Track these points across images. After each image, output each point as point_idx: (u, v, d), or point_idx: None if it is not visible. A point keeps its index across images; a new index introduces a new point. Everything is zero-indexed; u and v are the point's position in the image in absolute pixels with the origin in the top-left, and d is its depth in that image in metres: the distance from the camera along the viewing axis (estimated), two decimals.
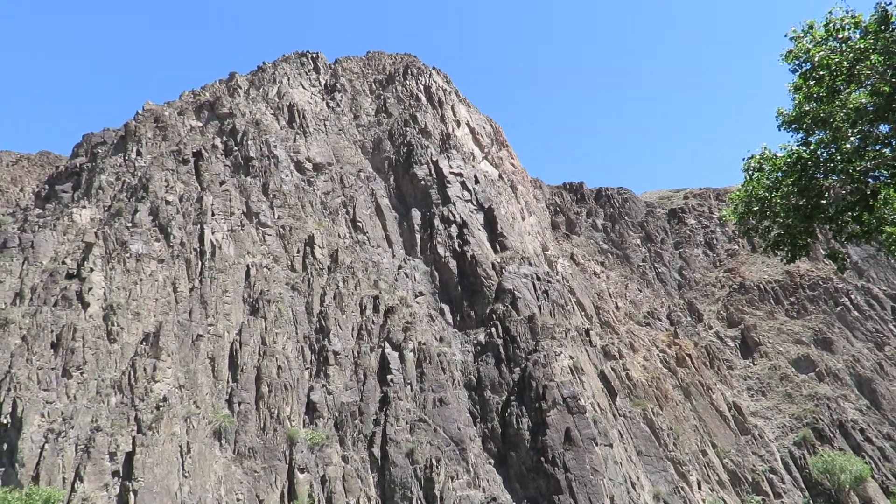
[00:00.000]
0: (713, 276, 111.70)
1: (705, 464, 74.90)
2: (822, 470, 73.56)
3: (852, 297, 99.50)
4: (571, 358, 53.65)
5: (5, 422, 38.99)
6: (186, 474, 40.71)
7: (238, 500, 43.15)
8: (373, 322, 56.77)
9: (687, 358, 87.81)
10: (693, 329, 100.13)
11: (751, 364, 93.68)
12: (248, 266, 57.85)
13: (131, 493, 37.17)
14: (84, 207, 61.66)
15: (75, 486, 37.28)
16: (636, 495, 47.20)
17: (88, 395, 41.92)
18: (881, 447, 78.58)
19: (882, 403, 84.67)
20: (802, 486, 76.50)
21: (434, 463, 44.61)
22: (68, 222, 58.49)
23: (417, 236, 72.71)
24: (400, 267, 67.94)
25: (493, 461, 48.93)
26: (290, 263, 62.27)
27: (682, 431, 75.59)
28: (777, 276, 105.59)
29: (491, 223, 73.84)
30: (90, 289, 48.82)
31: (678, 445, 72.06)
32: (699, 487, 70.56)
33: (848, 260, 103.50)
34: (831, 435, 78.95)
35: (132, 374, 43.60)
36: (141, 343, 46.69)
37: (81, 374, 42.62)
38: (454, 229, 70.18)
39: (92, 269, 50.12)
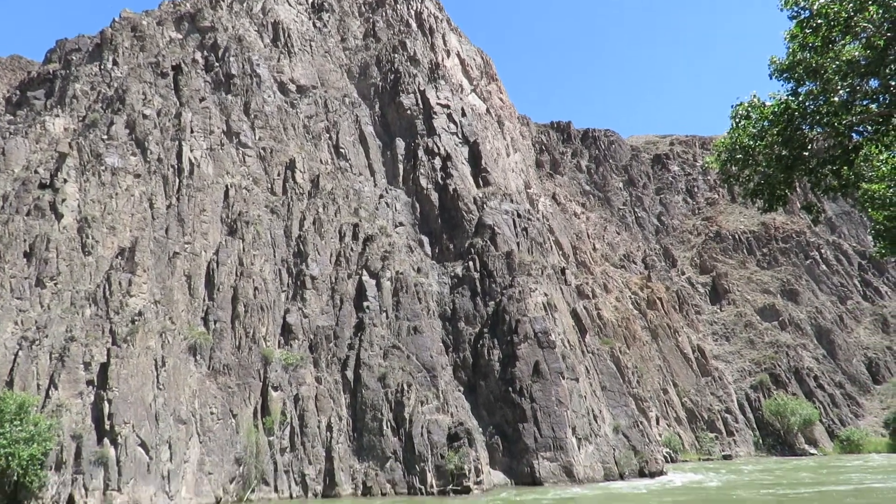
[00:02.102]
0: (691, 223, 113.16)
1: (665, 401, 78.22)
2: (774, 412, 77.41)
3: (822, 251, 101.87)
4: (546, 295, 54.66)
5: None
6: (161, 387, 41.44)
7: (212, 413, 44.20)
8: (351, 249, 56.90)
9: (658, 301, 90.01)
10: (666, 274, 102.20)
11: (718, 310, 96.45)
12: (226, 186, 57.04)
13: (106, 402, 37.83)
14: (57, 116, 59.67)
15: (49, 392, 37.79)
16: (597, 427, 49.34)
17: (62, 305, 41.88)
18: (832, 394, 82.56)
19: (838, 353, 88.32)
20: (754, 426, 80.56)
21: (405, 388, 45.91)
22: (41, 131, 56.70)
23: (400, 166, 72.02)
24: (381, 196, 67.59)
25: (462, 389, 50.51)
26: (269, 186, 61.53)
27: (647, 370, 78.42)
28: (752, 227, 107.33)
29: (475, 157, 73.27)
30: (64, 200, 47.91)
31: (641, 383, 74.91)
32: (657, 422, 73.93)
33: (822, 214, 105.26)
34: (787, 380, 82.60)
35: (107, 287, 43.51)
36: (116, 257, 46.37)
37: (55, 284, 42.43)
38: (438, 161, 69.57)
39: (66, 181, 49.04)
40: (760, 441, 78.83)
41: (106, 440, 37.01)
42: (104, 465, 36.17)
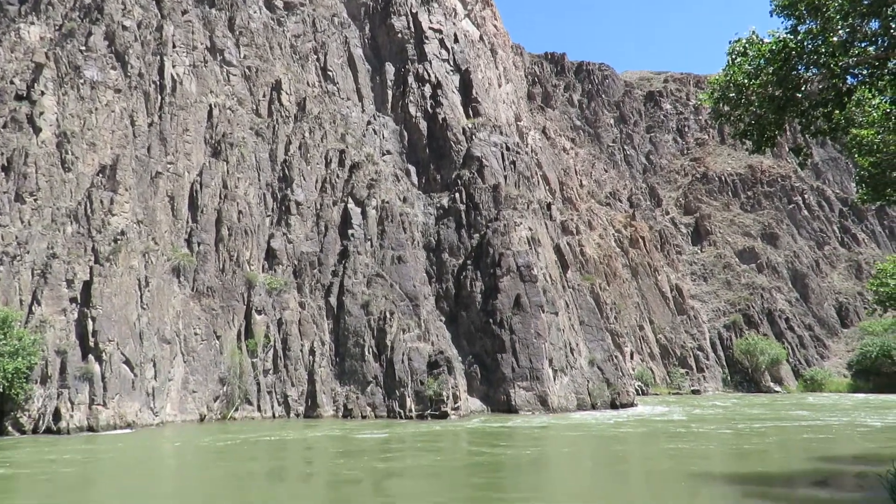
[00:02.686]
0: (679, 163, 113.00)
1: (641, 337, 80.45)
2: (744, 351, 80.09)
3: (806, 196, 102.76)
4: (530, 229, 54.95)
5: None
6: (145, 306, 41.68)
7: (196, 333, 44.74)
8: (337, 176, 56.34)
9: (640, 240, 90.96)
10: (651, 213, 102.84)
11: (699, 251, 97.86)
12: (210, 105, 55.56)
13: (90, 320, 38.07)
14: (32, 24, 56.97)
15: (33, 308, 37.88)
16: (573, 360, 50.80)
17: (43, 222, 41.38)
18: (801, 336, 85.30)
19: (811, 297, 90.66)
20: (724, 363, 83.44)
21: (388, 315, 46.64)
22: (15, 39, 54.24)
23: (389, 92, 70.40)
24: (369, 123, 66.35)
25: (444, 319, 51.41)
26: (254, 107, 60.04)
27: (625, 307, 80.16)
28: (739, 170, 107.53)
29: (466, 86, 71.72)
30: (41, 113, 46.45)
31: (619, 319, 76.72)
32: (632, 357, 76.28)
33: (809, 159, 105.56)
34: (759, 321, 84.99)
35: (88, 205, 42.94)
36: (97, 175, 45.53)
37: (35, 200, 41.75)
38: (428, 89, 68.05)
39: (43, 93, 47.38)
40: (729, 378, 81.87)
41: (90, 357, 37.47)
42: (89, 380, 36.76)
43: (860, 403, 54.81)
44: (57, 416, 35.34)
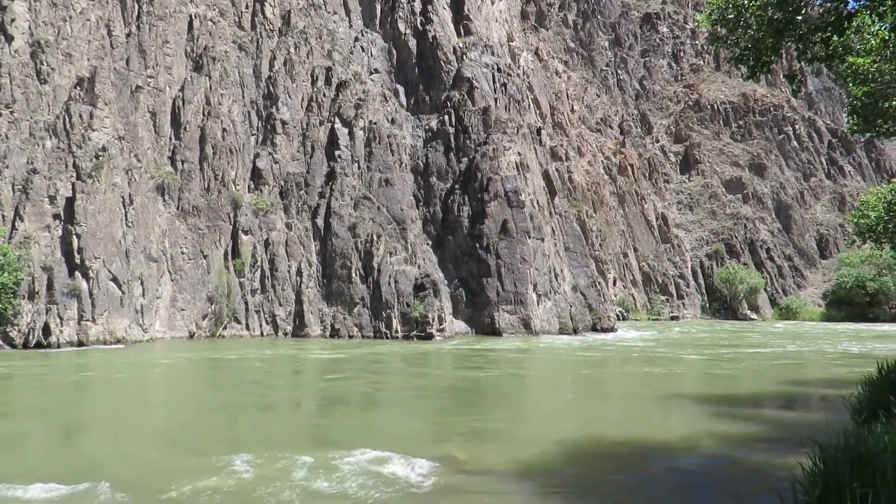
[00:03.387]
0: (672, 89, 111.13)
1: (624, 264, 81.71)
2: (724, 279, 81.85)
3: (797, 126, 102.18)
4: (519, 154, 54.49)
5: None
6: (130, 224, 41.39)
7: (182, 253, 44.74)
8: (324, 95, 54.91)
9: (629, 167, 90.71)
10: (640, 140, 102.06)
11: (687, 180, 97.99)
12: (190, 16, 53.16)
13: (74, 237, 37.83)
14: None
15: (16, 223, 37.48)
16: (557, 285, 51.67)
17: (21, 136, 40.26)
18: (780, 266, 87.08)
19: (793, 228, 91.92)
20: (704, 291, 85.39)
21: (375, 238, 46.78)
22: None
23: (378, 7, 67.58)
24: (356, 39, 64.05)
25: (430, 243, 51.70)
26: (237, 20, 57.57)
27: (610, 234, 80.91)
28: (732, 98, 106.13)
29: (458, 3, 68.96)
30: (13, 20, 44.22)
31: (604, 246, 77.60)
32: (614, 284, 77.73)
33: (803, 88, 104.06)
34: (740, 251, 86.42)
35: (67, 119, 41.71)
36: (74, 87, 43.97)
37: (11, 112, 40.43)
38: (418, 4, 65.38)
39: None
40: (707, 305, 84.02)
41: (77, 273, 37.48)
42: (77, 297, 36.94)
43: (831, 332, 56.77)
44: (46, 331, 35.70)
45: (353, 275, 46.29)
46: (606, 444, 13.05)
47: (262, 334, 45.07)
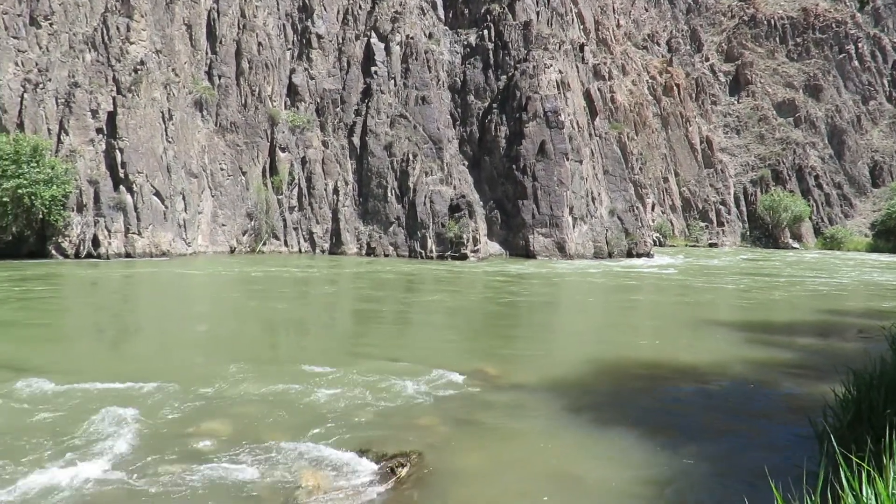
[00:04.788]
0: (726, 3, 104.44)
1: (664, 189, 79.99)
2: (767, 206, 79.64)
3: (859, 45, 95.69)
4: (560, 72, 52.62)
5: None
6: (170, 140, 41.91)
7: (222, 169, 45.35)
8: (360, 7, 53.30)
9: (675, 88, 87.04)
10: (689, 59, 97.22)
11: (735, 102, 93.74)
12: None
13: (117, 151, 38.58)
14: None
15: (61, 138, 38.31)
16: (594, 208, 51.07)
17: (61, 48, 40.43)
18: (828, 194, 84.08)
19: (845, 155, 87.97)
20: (745, 219, 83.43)
21: (411, 157, 46.52)
22: None
23: None
24: None
25: (466, 163, 51.19)
26: None
27: (651, 158, 78.84)
28: (791, 13, 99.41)
29: None
30: None
31: (644, 170, 75.84)
32: (653, 209, 76.45)
33: (871, 3, 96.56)
34: (787, 177, 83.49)
35: (105, 31, 41.59)
36: None
37: (51, 24, 40.46)
38: None
39: None
40: (748, 233, 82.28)
41: (122, 187, 38.50)
42: (123, 210, 38.10)
43: (877, 263, 55.31)
44: (96, 242, 37.15)
45: (389, 194, 46.45)
46: (636, 365, 13.25)
47: (299, 251, 46.10)
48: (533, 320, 20.72)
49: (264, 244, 45.69)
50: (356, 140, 48.66)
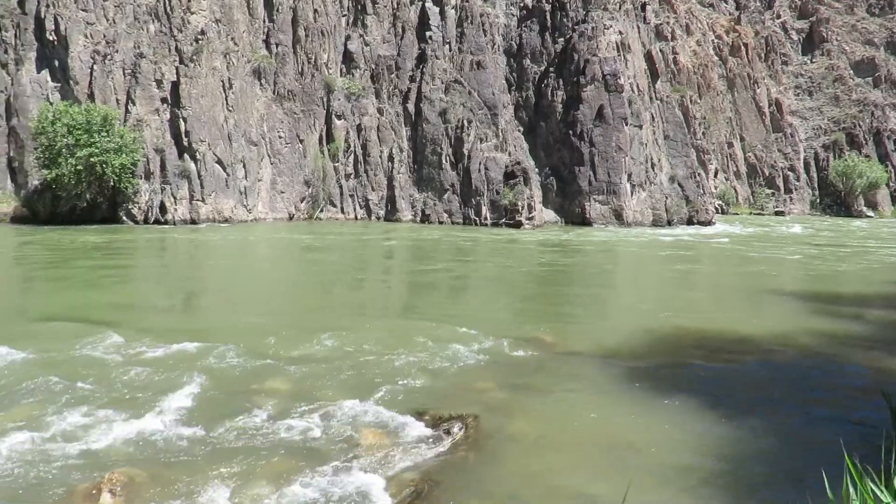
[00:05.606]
0: None
1: (728, 155, 76.85)
2: (840, 173, 75.46)
3: None
4: (620, 34, 50.78)
5: (51, 38, 39.70)
6: (230, 108, 42.85)
7: (280, 137, 46.18)
8: None
9: (742, 48, 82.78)
10: (759, 17, 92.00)
11: (809, 61, 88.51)
12: None
13: (181, 120, 39.77)
14: None
15: (128, 107, 39.73)
16: (653, 175, 49.64)
17: (127, 20, 41.63)
18: None
19: None
20: (815, 185, 79.44)
21: (465, 124, 46.15)
22: None
23: None
24: None
25: (522, 129, 50.44)
26: None
27: (715, 122, 75.68)
28: None
29: None
30: None
31: (707, 135, 72.95)
32: (715, 175, 73.68)
33: None
34: (863, 142, 78.75)
35: (167, 2, 42.52)
36: None
37: None
38: None
39: None
40: (818, 201, 78.36)
41: (186, 156, 39.79)
42: (188, 177, 39.42)
43: None
44: (163, 209, 38.69)
45: (444, 161, 46.35)
46: (695, 335, 12.95)
47: (355, 218, 46.77)
48: (589, 289, 20.49)
49: (321, 211, 46.53)
50: (411, 107, 48.56)
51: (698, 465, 6.75)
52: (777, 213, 74.82)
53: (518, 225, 42.86)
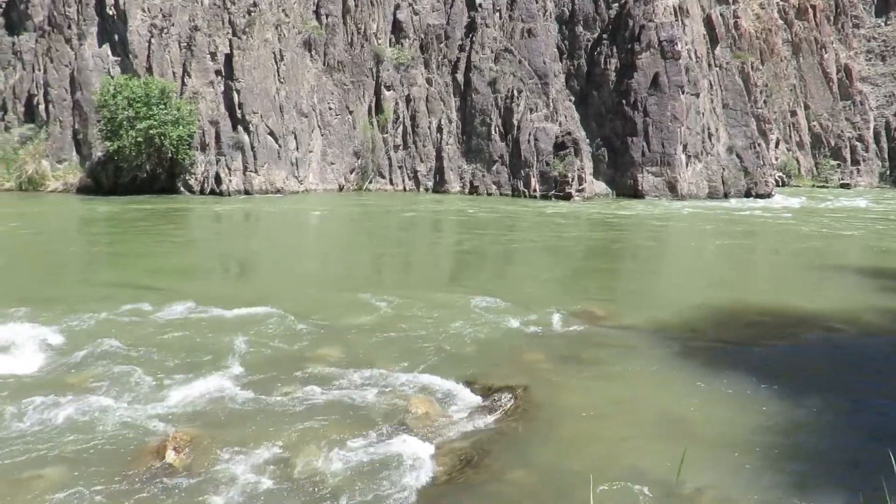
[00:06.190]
0: None
1: (791, 124, 73.44)
2: None
3: None
4: None
5: (111, 13, 40.77)
6: (282, 80, 43.29)
7: (330, 108, 46.47)
8: None
9: (809, 10, 78.34)
10: None
11: (882, 24, 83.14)
12: None
13: (235, 92, 40.45)
14: None
15: (184, 80, 40.62)
16: (710, 146, 47.93)
17: None
18: None
19: None
20: (885, 157, 75.30)
21: (515, 94, 45.39)
22: None
23: None
24: None
25: (573, 99, 49.30)
26: None
27: (778, 90, 72.30)
28: None
29: None
30: None
31: (768, 103, 69.81)
32: (776, 146, 70.61)
33: None
34: None
35: None
36: None
37: None
38: None
39: None
40: (888, 173, 74.31)
41: (239, 128, 40.55)
42: (241, 149, 40.24)
43: None
44: (218, 179, 39.68)
45: (493, 132, 45.84)
46: (751, 310, 12.57)
47: (404, 189, 46.92)
48: (640, 262, 20.09)
49: (370, 182, 46.85)
50: (460, 77, 48.02)
51: (755, 444, 6.58)
52: (842, 186, 71.30)
53: (568, 197, 42.20)
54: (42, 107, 41.43)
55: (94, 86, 39.84)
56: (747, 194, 47.64)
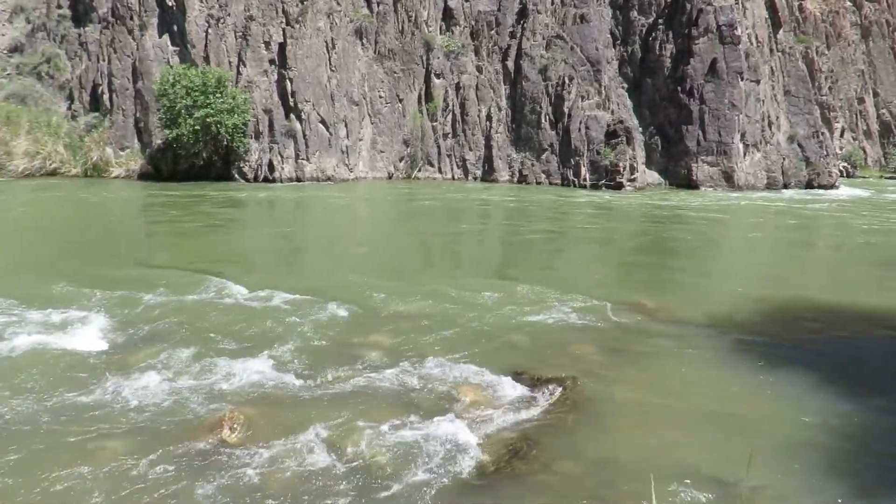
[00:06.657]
0: None
1: (858, 112, 70.00)
2: None
3: None
4: None
5: (171, 4, 41.95)
6: (333, 68, 43.76)
7: (380, 96, 46.76)
8: None
9: None
10: None
11: None
12: None
13: (287, 81, 41.13)
14: None
15: (239, 69, 41.52)
16: (769, 134, 46.19)
17: None
18: None
19: None
20: None
21: (566, 81, 44.67)
22: None
23: None
24: None
25: (626, 86, 48.21)
26: None
27: (844, 75, 68.95)
28: None
29: None
30: None
31: (833, 90, 66.68)
32: (841, 135, 67.46)
33: None
34: None
35: None
36: None
37: None
38: None
39: None
40: None
41: (291, 116, 41.25)
42: (293, 137, 40.95)
43: None
44: (271, 167, 40.53)
45: (543, 120, 45.29)
46: (808, 306, 12.11)
47: (452, 177, 46.93)
48: (694, 254, 19.59)
49: (419, 171, 47.02)
50: (510, 64, 47.54)
51: (818, 443, 6.36)
52: None
53: (619, 186, 41.41)
54: (106, 96, 43.04)
55: (154, 75, 41.14)
56: (809, 185, 45.77)
